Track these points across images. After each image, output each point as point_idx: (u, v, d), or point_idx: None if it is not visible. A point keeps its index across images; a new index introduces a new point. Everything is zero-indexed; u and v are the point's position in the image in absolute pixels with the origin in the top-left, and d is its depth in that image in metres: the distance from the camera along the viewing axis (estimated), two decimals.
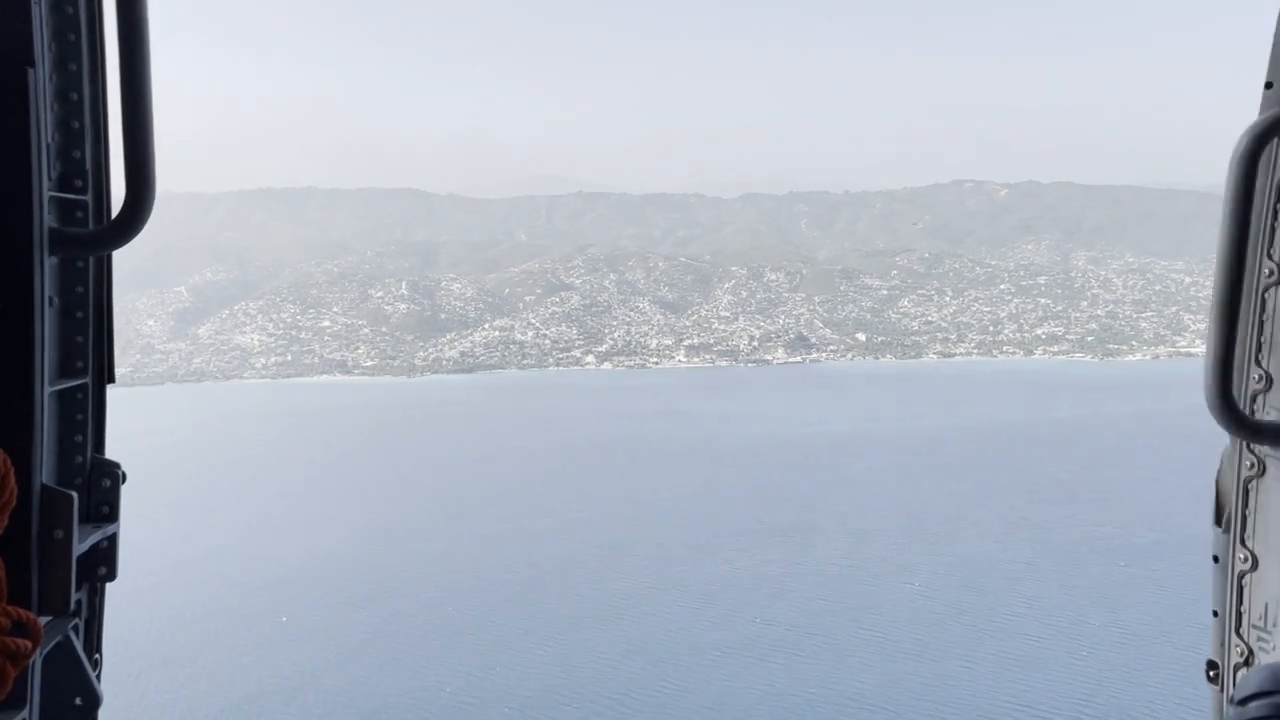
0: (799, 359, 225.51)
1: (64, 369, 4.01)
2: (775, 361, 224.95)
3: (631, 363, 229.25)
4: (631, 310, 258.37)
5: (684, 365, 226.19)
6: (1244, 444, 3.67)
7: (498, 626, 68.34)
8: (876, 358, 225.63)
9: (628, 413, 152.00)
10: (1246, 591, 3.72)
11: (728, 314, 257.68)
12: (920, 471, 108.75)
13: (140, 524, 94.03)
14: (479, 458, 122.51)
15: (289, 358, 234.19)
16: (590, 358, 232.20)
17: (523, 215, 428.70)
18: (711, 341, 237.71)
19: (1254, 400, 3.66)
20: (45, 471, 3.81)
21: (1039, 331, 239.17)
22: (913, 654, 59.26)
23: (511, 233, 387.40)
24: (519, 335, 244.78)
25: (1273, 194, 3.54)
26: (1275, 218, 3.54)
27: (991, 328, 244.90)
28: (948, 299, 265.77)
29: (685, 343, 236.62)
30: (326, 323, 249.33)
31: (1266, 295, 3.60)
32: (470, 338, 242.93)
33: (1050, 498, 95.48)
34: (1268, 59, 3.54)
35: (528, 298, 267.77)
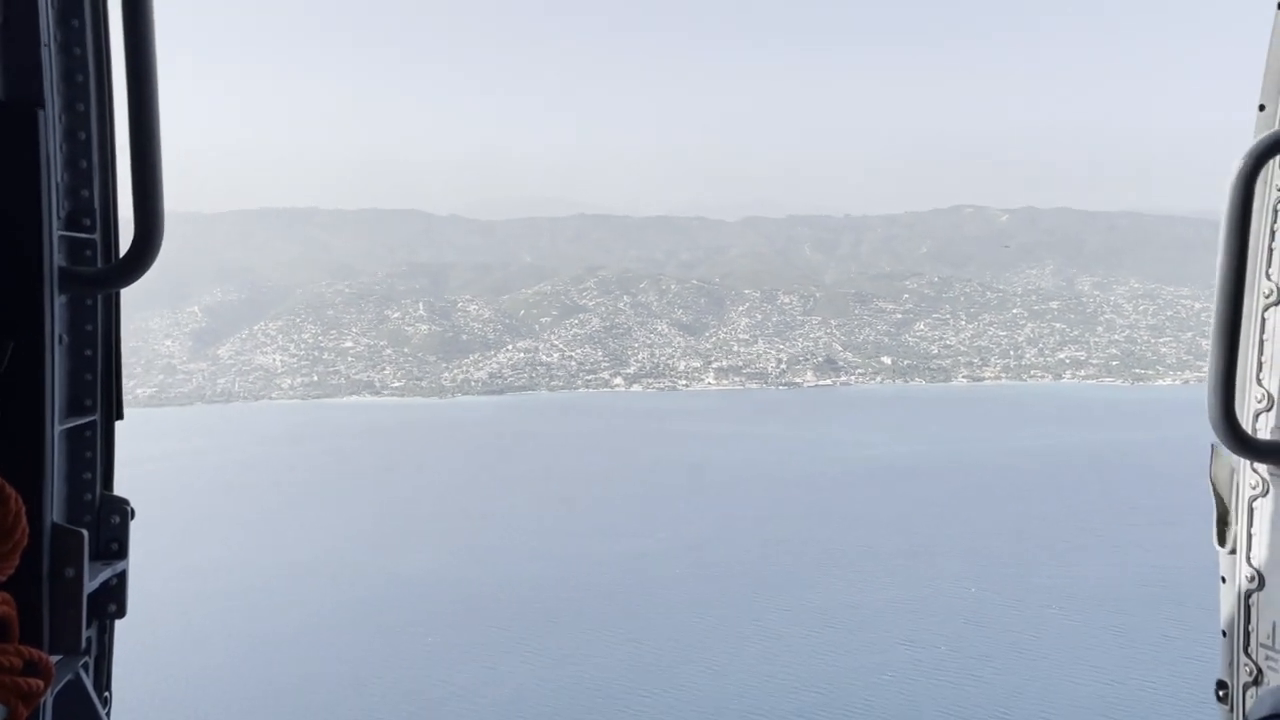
0: (829, 382, 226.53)
1: (73, 407, 4.01)
2: (805, 384, 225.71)
3: (661, 385, 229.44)
4: (651, 333, 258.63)
5: (714, 388, 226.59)
6: (1248, 464, 3.66)
7: (651, 646, 68.18)
8: (906, 381, 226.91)
9: (684, 435, 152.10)
10: (1254, 611, 3.70)
11: (747, 336, 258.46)
12: (1003, 494, 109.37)
13: (252, 541, 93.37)
14: (555, 478, 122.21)
15: (314, 378, 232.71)
16: (619, 379, 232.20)
17: (525, 237, 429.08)
18: (740, 364, 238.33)
19: (1256, 419, 3.67)
20: (55, 510, 3.79)
21: (1061, 356, 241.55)
22: (1103, 678, 59.53)
23: (516, 254, 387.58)
24: (544, 357, 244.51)
25: (1270, 214, 3.57)
26: (1273, 238, 3.57)
27: (1012, 352, 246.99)
28: (963, 323, 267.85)
29: (714, 365, 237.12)
30: (348, 343, 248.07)
31: (1267, 315, 3.62)
32: (494, 359, 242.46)
33: (1149, 520, 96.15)
34: (1260, 82, 3.57)
35: (543, 319, 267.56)
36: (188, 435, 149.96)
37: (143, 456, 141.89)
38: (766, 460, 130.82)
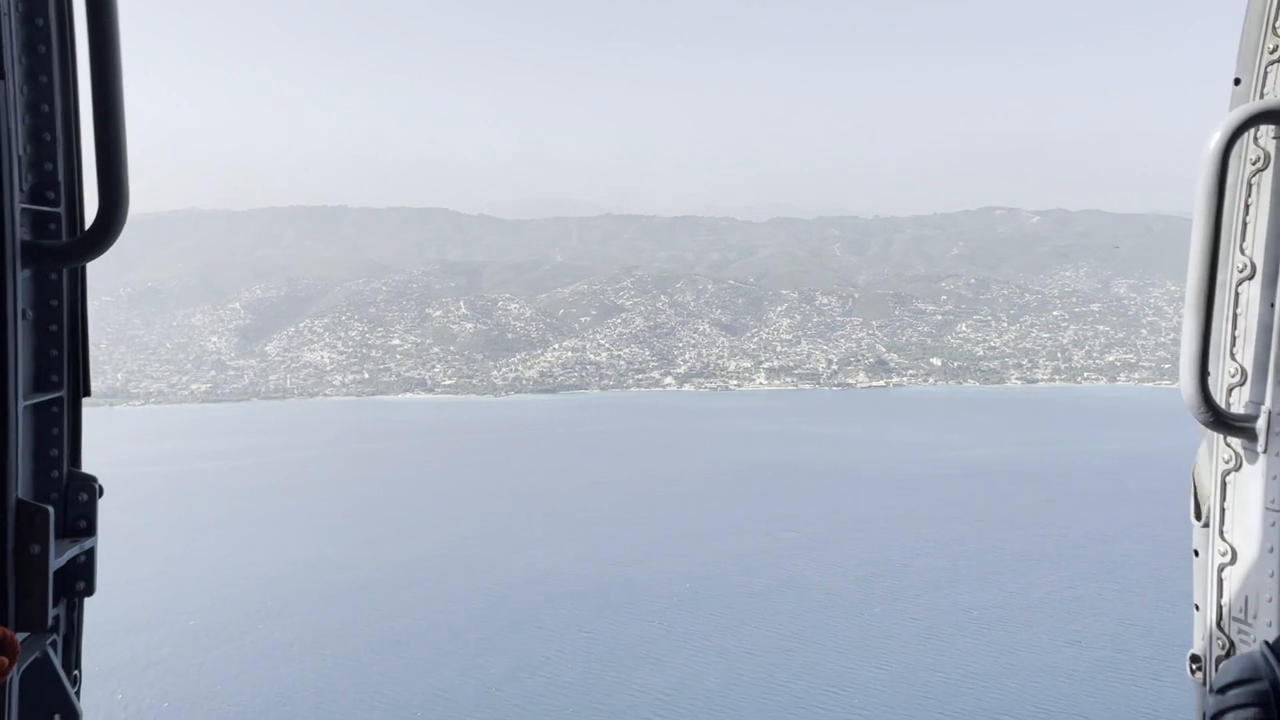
0: (882, 383, 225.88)
1: (38, 383, 3.94)
2: (858, 385, 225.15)
3: (713, 384, 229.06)
4: (694, 332, 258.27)
5: (765, 388, 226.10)
6: (1221, 438, 3.66)
7: (814, 644, 67.83)
8: (959, 383, 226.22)
9: (761, 435, 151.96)
10: (1227, 585, 3.70)
11: (789, 337, 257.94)
12: (1110, 497, 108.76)
13: (375, 537, 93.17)
14: (652, 477, 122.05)
15: (365, 375, 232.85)
16: (669, 379, 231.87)
17: (554, 236, 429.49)
18: (791, 364, 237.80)
19: (1230, 394, 3.65)
20: (21, 486, 3.74)
21: (1111, 359, 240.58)
22: None
23: (546, 253, 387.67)
24: (592, 356, 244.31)
25: (1244, 189, 3.54)
26: (1247, 212, 3.55)
27: (1060, 354, 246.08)
28: (1005, 325, 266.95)
29: (765, 365, 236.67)
30: (395, 341, 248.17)
31: (1240, 289, 3.60)
32: (542, 358, 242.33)
33: None
34: (1235, 56, 3.54)
35: (583, 318, 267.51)
36: (274, 430, 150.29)
37: (248, 448, 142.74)
38: (857, 460, 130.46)
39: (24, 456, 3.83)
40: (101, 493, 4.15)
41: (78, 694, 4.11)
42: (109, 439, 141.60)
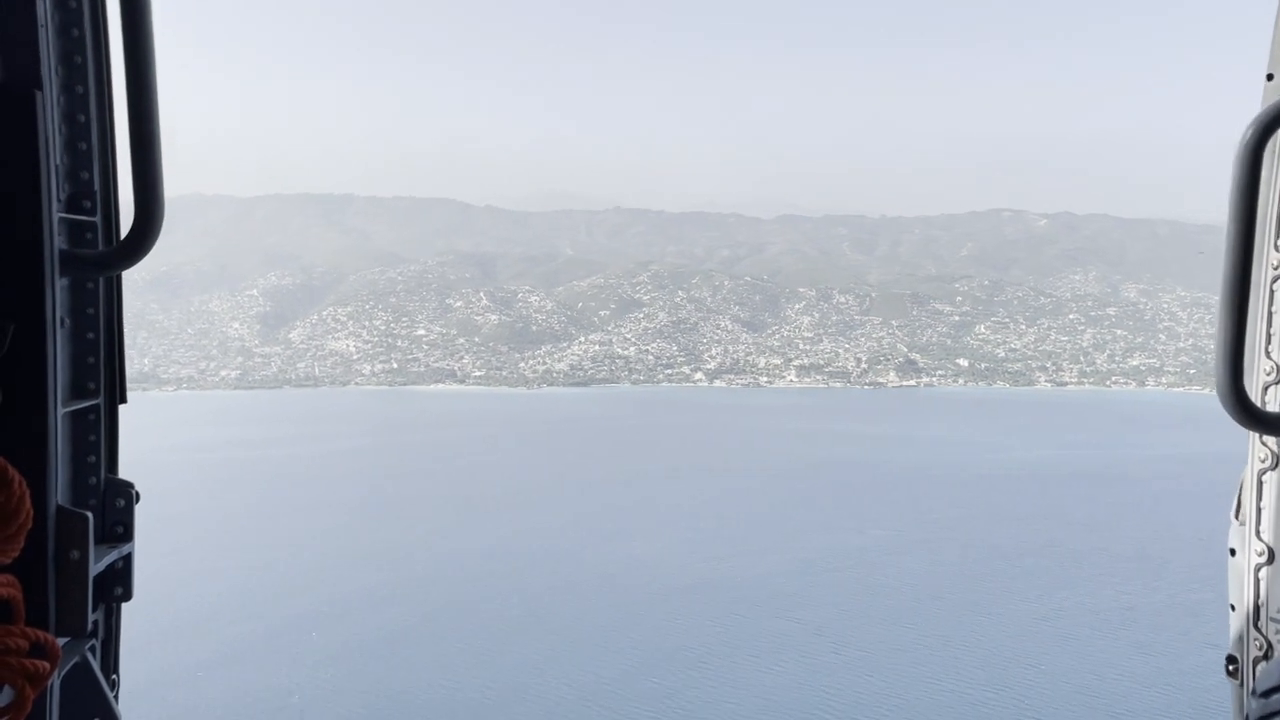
0: (912, 383, 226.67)
1: (76, 390, 4.02)
2: (889, 384, 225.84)
3: (744, 381, 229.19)
4: (717, 328, 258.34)
5: (796, 385, 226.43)
6: (1258, 437, 3.65)
7: (959, 645, 67.92)
8: (988, 384, 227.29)
9: (814, 432, 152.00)
10: (1263, 584, 3.69)
11: (810, 335, 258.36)
12: (1188, 499, 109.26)
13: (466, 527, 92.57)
14: (721, 472, 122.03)
15: (394, 365, 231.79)
16: (699, 375, 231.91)
17: (562, 229, 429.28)
18: (821, 362, 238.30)
19: (1265, 392, 3.63)
20: (60, 492, 3.81)
21: (1135, 363, 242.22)
22: None
23: (555, 246, 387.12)
24: (619, 350, 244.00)
25: (1278, 186, 3.56)
26: None
27: (1082, 357, 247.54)
28: (1022, 327, 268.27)
29: (794, 363, 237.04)
30: (421, 331, 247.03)
31: (1276, 287, 3.59)
32: (569, 351, 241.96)
33: None
34: (1268, 51, 3.53)
35: (602, 312, 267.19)
36: (320, 419, 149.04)
37: (303, 436, 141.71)
38: (919, 459, 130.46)
39: (63, 463, 3.88)
40: (138, 498, 4.19)
41: (116, 698, 4.17)
42: (153, 426, 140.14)
